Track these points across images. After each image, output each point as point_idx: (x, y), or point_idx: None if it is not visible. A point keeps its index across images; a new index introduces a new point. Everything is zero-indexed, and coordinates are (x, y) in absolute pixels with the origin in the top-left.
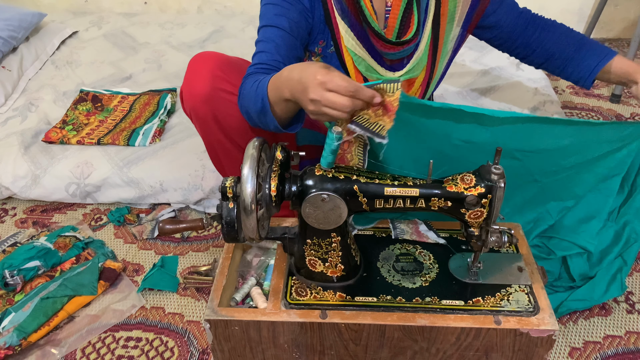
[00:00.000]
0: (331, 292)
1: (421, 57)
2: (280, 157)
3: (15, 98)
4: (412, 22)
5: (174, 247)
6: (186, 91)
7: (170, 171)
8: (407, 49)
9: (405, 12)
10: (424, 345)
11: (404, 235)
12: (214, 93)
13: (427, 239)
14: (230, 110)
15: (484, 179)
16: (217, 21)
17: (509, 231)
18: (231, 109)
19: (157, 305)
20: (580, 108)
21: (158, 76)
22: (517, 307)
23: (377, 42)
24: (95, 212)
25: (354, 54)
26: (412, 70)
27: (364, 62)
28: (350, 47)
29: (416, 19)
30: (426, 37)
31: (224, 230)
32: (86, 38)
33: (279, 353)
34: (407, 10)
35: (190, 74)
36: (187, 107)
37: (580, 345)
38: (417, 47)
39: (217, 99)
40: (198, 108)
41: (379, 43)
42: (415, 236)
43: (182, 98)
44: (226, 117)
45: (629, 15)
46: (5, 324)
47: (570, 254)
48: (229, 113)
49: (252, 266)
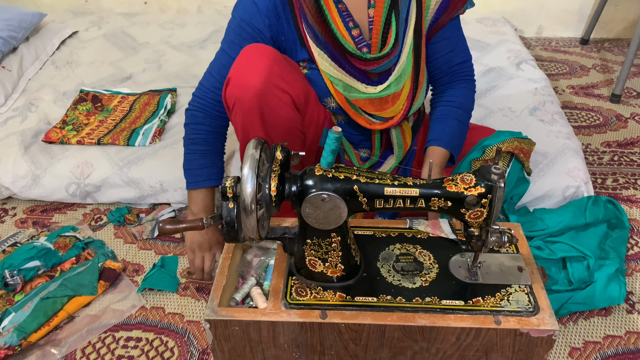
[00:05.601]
0: (331, 292)
1: (404, 68)
2: (280, 157)
3: (15, 98)
4: (391, 33)
5: (174, 247)
6: (238, 81)
7: (170, 171)
8: (388, 62)
9: (386, 24)
10: (424, 345)
11: (419, 226)
12: (267, 88)
13: (441, 231)
14: (278, 108)
15: (484, 179)
16: (217, 21)
17: (509, 231)
18: (279, 106)
19: (157, 305)
20: (580, 108)
21: (158, 76)
22: (517, 307)
23: (355, 61)
24: (95, 212)
25: (330, 75)
26: (395, 82)
27: (341, 82)
28: (325, 69)
29: (394, 30)
30: (407, 47)
31: (224, 230)
32: (86, 38)
33: (279, 353)
34: (387, 22)
35: (244, 64)
36: (232, 96)
37: (580, 345)
38: (399, 58)
39: (269, 95)
40: (247, 100)
41: (357, 62)
42: (429, 228)
43: (229, 85)
44: (272, 114)
45: (629, 15)
46: (5, 324)
47: (570, 256)
48: (276, 111)
49: (252, 266)
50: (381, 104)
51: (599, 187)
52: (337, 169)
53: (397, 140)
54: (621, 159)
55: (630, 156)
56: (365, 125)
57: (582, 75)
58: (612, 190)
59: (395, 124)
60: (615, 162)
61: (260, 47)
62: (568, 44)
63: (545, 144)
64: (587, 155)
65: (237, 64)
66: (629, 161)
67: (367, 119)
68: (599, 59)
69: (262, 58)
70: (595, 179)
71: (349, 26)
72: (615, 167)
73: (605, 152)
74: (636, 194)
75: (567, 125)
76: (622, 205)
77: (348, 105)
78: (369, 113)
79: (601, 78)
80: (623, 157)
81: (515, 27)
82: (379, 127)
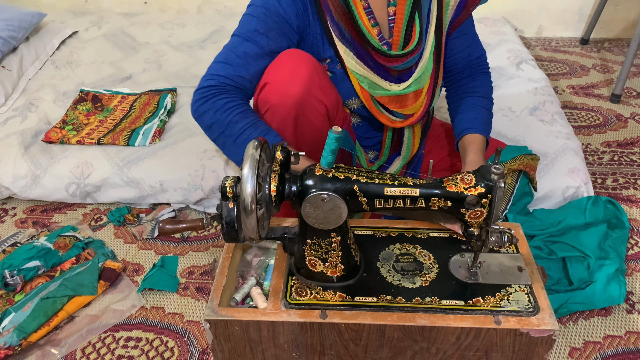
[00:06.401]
0: (331, 292)
1: (426, 65)
2: (280, 157)
3: (15, 98)
4: (415, 30)
5: (174, 247)
6: (277, 87)
7: (170, 171)
8: (411, 59)
9: (409, 21)
10: (424, 345)
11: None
12: (306, 98)
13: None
14: (313, 118)
15: (484, 179)
16: (217, 21)
17: (509, 231)
18: (314, 117)
19: (157, 305)
20: (580, 108)
21: (158, 76)
22: (517, 307)
23: (379, 57)
24: (95, 212)
25: (357, 73)
26: (419, 80)
27: (367, 79)
28: (352, 67)
29: (418, 28)
30: (430, 44)
31: (224, 230)
32: (86, 38)
33: (279, 353)
34: (410, 19)
35: (284, 70)
36: (268, 101)
37: (580, 345)
38: (421, 56)
39: (307, 105)
40: (285, 108)
41: (381, 58)
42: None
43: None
44: (306, 124)
45: (629, 15)
46: (5, 324)
47: (570, 256)
48: (311, 121)
49: (252, 266)
50: (404, 101)
51: (599, 187)
52: (337, 169)
53: (408, 140)
54: (621, 159)
55: (630, 156)
56: (387, 123)
57: (582, 75)
58: (612, 190)
59: (415, 121)
60: (615, 162)
61: (300, 53)
62: (568, 44)
63: (545, 144)
64: (587, 155)
65: (275, 68)
66: (629, 161)
67: (388, 117)
68: (599, 59)
69: (304, 66)
70: (595, 179)
71: (371, 24)
72: (615, 167)
73: (605, 152)
74: (636, 194)
75: (567, 125)
76: (622, 205)
77: (372, 103)
78: (391, 110)
79: (601, 78)
80: (623, 157)
81: (515, 27)
82: (400, 125)
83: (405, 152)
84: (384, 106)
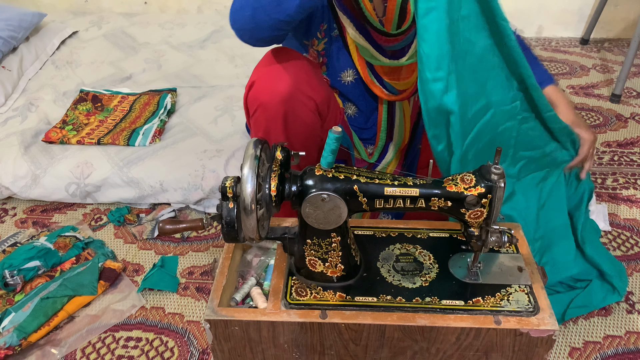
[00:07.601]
0: (331, 292)
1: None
2: (280, 157)
3: (15, 98)
4: (409, 9)
5: (174, 247)
6: (264, 85)
7: (170, 171)
8: (406, 38)
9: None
10: (424, 345)
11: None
12: (294, 94)
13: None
14: (303, 114)
15: (484, 179)
16: (217, 21)
17: (509, 231)
18: (304, 113)
19: (157, 305)
20: (580, 108)
21: (158, 76)
22: (517, 307)
23: (378, 36)
24: (95, 212)
25: (359, 44)
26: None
27: (368, 51)
28: (354, 38)
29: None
30: None
31: (224, 230)
32: (86, 38)
33: (279, 353)
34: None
35: (274, 69)
36: (257, 100)
37: (580, 345)
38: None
39: (296, 101)
40: (273, 105)
41: (379, 37)
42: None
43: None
44: (295, 120)
45: (629, 15)
46: (5, 324)
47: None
48: (300, 117)
49: (252, 266)
50: (398, 73)
51: (599, 187)
52: (337, 169)
53: (399, 121)
54: (621, 159)
55: (630, 156)
56: (380, 94)
57: (582, 75)
58: (612, 190)
59: (406, 97)
60: (615, 162)
61: (288, 51)
62: (568, 44)
63: None
64: None
65: (263, 66)
66: (629, 161)
67: (382, 90)
68: (599, 59)
69: (291, 63)
70: (595, 179)
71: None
72: (615, 167)
73: (605, 152)
74: (636, 194)
75: None
76: (622, 205)
77: (367, 73)
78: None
79: (601, 78)
80: (623, 157)
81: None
82: (393, 99)
83: (397, 138)
84: (379, 78)
